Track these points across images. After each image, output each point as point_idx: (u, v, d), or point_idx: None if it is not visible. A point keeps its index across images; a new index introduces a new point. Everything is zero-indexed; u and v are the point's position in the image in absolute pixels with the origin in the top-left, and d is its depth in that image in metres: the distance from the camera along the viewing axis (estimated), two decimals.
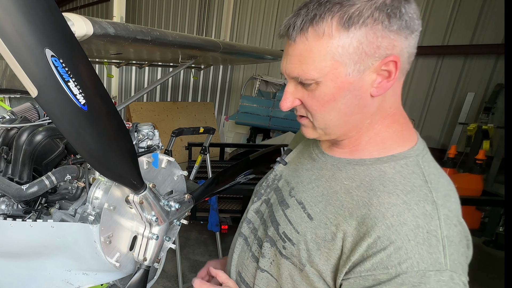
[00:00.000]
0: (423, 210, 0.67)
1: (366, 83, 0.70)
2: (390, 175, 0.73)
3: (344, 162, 0.80)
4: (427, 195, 0.69)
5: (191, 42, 1.78)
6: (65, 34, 0.64)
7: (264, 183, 1.02)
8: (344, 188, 0.77)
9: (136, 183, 0.90)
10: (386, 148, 0.77)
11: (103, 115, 0.73)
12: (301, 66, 0.71)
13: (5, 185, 0.99)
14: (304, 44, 0.69)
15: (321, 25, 0.66)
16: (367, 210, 0.70)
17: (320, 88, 0.71)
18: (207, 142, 3.42)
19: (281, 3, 7.66)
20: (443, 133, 5.86)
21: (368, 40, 0.66)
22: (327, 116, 0.75)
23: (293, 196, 0.87)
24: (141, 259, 1.03)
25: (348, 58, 0.67)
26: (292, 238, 0.81)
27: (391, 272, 0.64)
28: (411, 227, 0.65)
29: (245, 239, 1.00)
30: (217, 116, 8.98)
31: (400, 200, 0.68)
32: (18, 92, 2.28)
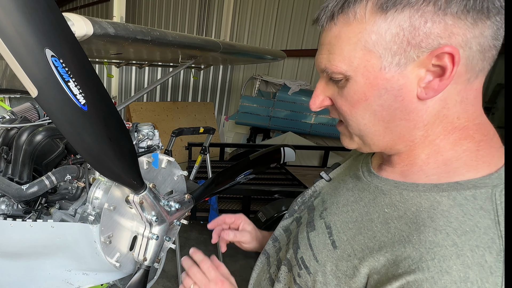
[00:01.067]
0: (480, 260, 0.49)
1: (409, 82, 0.55)
2: (445, 208, 0.55)
3: (391, 184, 0.65)
4: (493, 240, 0.50)
5: (191, 42, 1.78)
6: (65, 34, 0.64)
7: (299, 198, 0.90)
8: (382, 217, 0.62)
9: (136, 183, 0.90)
10: (450, 172, 0.59)
11: (103, 115, 0.73)
12: (328, 56, 0.59)
13: (5, 185, 0.99)
14: (333, 30, 0.58)
15: (354, 8, 0.55)
16: (403, 248, 0.55)
17: (349, 85, 0.59)
18: (207, 142, 3.42)
19: (281, 3, 7.66)
20: None
21: (413, 26, 0.52)
22: (360, 120, 0.61)
23: (323, 218, 0.74)
24: (141, 259, 1.03)
25: (384, 47, 0.54)
26: (309, 266, 0.70)
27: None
28: (456, 279, 0.49)
29: (267, 258, 0.91)
30: (217, 116, 8.98)
31: (449, 241, 0.52)
32: (18, 92, 2.28)
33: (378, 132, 0.61)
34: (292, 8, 7.31)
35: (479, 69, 0.56)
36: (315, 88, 0.67)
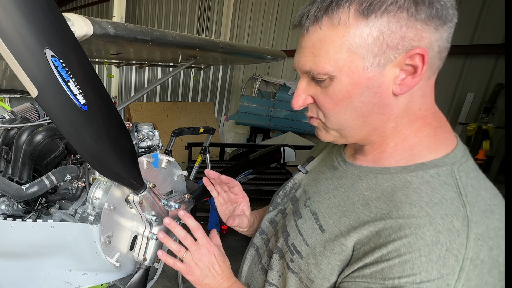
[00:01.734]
0: (449, 226, 0.57)
1: (387, 80, 0.62)
2: (415, 185, 0.64)
3: (366, 170, 0.73)
4: (458, 209, 0.59)
5: (191, 42, 1.78)
6: (65, 34, 0.64)
7: (281, 192, 0.96)
8: (363, 199, 0.69)
9: (136, 183, 0.90)
10: (415, 155, 0.68)
11: (103, 115, 0.73)
12: (313, 58, 0.63)
13: (5, 185, 0.99)
14: (318, 34, 0.62)
15: (337, 13, 0.59)
16: (384, 222, 0.63)
17: (334, 84, 0.64)
18: (207, 142, 3.42)
19: (281, 3, 7.66)
20: None
21: (391, 30, 0.58)
22: (341, 115, 0.67)
23: (307, 206, 0.80)
24: (141, 259, 1.03)
25: (366, 49, 0.60)
26: (301, 251, 0.75)
27: (386, 283, 0.58)
28: (428, 242, 0.57)
29: (256, 250, 0.96)
30: (217, 116, 8.98)
31: (422, 212, 0.60)
32: (18, 92, 2.28)
33: (356, 125, 0.68)
34: (292, 8, 7.30)
35: (436, 67, 0.64)
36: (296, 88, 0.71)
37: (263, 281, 0.88)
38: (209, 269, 0.86)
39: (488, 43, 5.14)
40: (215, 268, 0.87)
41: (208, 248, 0.88)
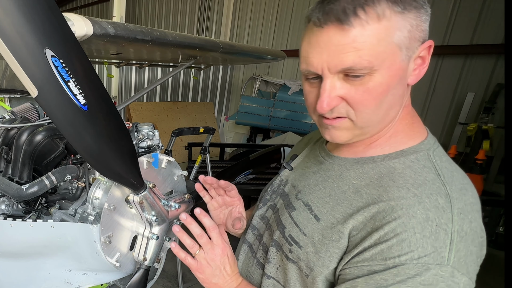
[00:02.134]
0: (435, 203, 0.63)
1: (409, 70, 0.66)
2: (399, 170, 0.70)
3: (352, 161, 0.77)
4: (440, 188, 0.65)
5: (191, 42, 1.78)
6: (65, 34, 0.64)
7: (269, 188, 0.99)
8: (353, 188, 0.74)
9: (136, 183, 0.90)
10: (397, 143, 0.73)
11: (103, 115, 0.73)
12: (357, 53, 0.62)
13: (5, 185, 0.99)
14: (361, 28, 0.61)
15: (378, 7, 0.61)
16: (377, 206, 0.67)
17: (374, 78, 0.64)
18: (207, 142, 3.42)
19: (281, 3, 7.66)
20: (443, 133, 5.86)
21: (417, 24, 0.63)
22: (376, 110, 0.67)
23: (299, 199, 0.83)
24: (141, 259, 1.03)
25: (402, 42, 0.63)
26: (299, 241, 0.78)
27: (388, 263, 0.62)
28: (420, 220, 0.62)
29: (249, 246, 0.97)
30: (217, 116, 8.98)
31: (410, 193, 0.65)
32: (18, 92, 2.28)
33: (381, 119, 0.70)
34: (292, 8, 7.31)
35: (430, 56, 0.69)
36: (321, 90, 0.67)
37: (260, 274, 0.90)
38: (220, 269, 0.86)
39: (488, 43, 5.13)
40: (226, 269, 0.86)
41: (223, 249, 0.86)
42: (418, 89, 5.98)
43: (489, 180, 4.62)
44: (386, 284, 0.62)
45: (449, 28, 5.54)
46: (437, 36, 5.65)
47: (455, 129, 5.53)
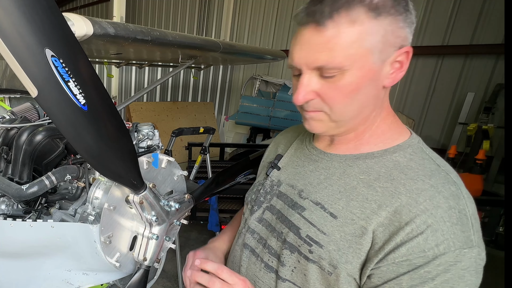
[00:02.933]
0: (450, 192, 0.68)
1: (383, 73, 0.70)
2: (404, 163, 0.73)
3: (352, 158, 0.80)
4: (446, 177, 0.70)
5: (191, 42, 1.78)
6: (65, 34, 0.64)
7: (261, 190, 0.98)
8: (362, 183, 0.76)
9: (136, 183, 0.90)
10: (388, 139, 0.78)
11: (103, 115, 0.73)
12: (329, 53, 0.67)
13: (5, 185, 0.99)
14: (335, 30, 0.66)
15: (353, 12, 0.65)
16: (398, 199, 0.69)
17: (345, 77, 0.69)
18: (207, 142, 3.42)
19: (281, 3, 7.66)
20: (443, 133, 5.86)
21: (392, 30, 0.67)
22: (347, 107, 0.73)
23: (306, 198, 0.84)
24: (141, 259, 1.03)
25: (375, 46, 0.67)
26: (319, 240, 0.78)
27: (428, 254, 0.65)
28: (445, 208, 0.66)
29: (251, 251, 0.95)
30: (217, 116, 8.98)
31: (426, 184, 0.69)
32: (18, 92, 2.28)
33: (355, 115, 0.75)
34: (292, 8, 7.30)
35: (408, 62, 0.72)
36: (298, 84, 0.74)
37: (273, 279, 0.88)
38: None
39: (488, 43, 5.13)
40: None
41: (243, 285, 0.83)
42: (418, 89, 5.98)
43: (489, 180, 4.62)
44: (431, 276, 0.64)
45: (449, 28, 5.54)
46: (437, 36, 5.65)
47: (455, 129, 5.53)
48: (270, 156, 1.06)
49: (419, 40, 5.84)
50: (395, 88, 6.27)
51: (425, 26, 5.76)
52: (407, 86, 6.11)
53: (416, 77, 5.98)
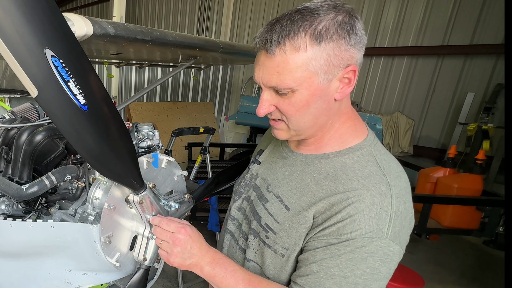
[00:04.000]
0: (379, 191, 0.80)
1: (332, 90, 0.81)
2: (350, 165, 0.86)
3: (311, 157, 0.93)
4: (382, 178, 0.82)
5: (191, 42, 1.78)
6: (65, 34, 0.64)
7: (242, 182, 1.12)
8: (314, 180, 0.89)
9: (136, 183, 0.90)
10: (344, 142, 0.90)
11: (103, 115, 0.73)
12: (279, 76, 0.78)
13: (5, 185, 0.99)
14: (282, 57, 0.76)
15: (297, 40, 0.75)
16: (336, 196, 0.83)
17: (295, 95, 0.80)
18: (207, 142, 3.42)
19: (281, 3, 7.66)
20: (443, 133, 5.86)
21: (335, 53, 0.76)
22: (301, 119, 0.84)
23: (270, 192, 0.98)
24: (141, 259, 1.03)
25: (319, 68, 0.77)
26: (274, 228, 0.93)
27: (342, 237, 0.79)
28: (368, 204, 0.79)
29: (231, 235, 1.10)
30: (217, 116, 8.98)
31: (360, 184, 0.82)
32: (18, 92, 2.28)
33: (310, 126, 0.87)
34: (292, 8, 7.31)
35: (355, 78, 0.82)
36: (260, 99, 0.86)
37: (243, 258, 1.04)
38: (187, 251, 0.91)
39: (488, 43, 5.13)
40: (193, 248, 0.92)
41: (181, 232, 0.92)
42: (418, 89, 5.98)
43: (489, 180, 4.62)
44: (339, 254, 0.80)
45: (449, 28, 5.54)
46: (437, 36, 5.65)
47: (455, 129, 5.53)
48: (256, 151, 1.18)
49: (419, 40, 5.84)
50: (395, 88, 6.27)
51: (425, 26, 5.76)
52: (407, 86, 6.11)
53: (416, 77, 5.98)
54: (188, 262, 0.92)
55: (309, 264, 0.84)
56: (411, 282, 2.49)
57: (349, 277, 0.79)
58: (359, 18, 0.78)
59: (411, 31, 5.92)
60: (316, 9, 0.76)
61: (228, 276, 0.89)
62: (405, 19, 6.00)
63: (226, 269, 0.90)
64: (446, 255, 4.27)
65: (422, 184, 3.96)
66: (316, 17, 0.75)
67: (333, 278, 0.80)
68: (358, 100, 6.63)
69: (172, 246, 0.92)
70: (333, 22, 0.75)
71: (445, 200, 3.37)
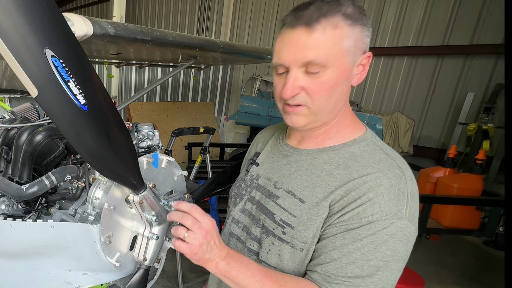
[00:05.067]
0: (394, 173, 0.83)
1: (353, 73, 0.85)
2: (359, 154, 0.88)
3: (317, 151, 0.94)
4: (393, 162, 0.85)
5: (191, 42, 1.78)
6: (65, 34, 0.64)
7: (243, 184, 1.11)
8: (325, 172, 0.90)
9: (136, 183, 0.90)
10: (348, 134, 0.93)
11: (103, 115, 0.73)
12: (317, 50, 0.79)
13: (5, 185, 0.99)
14: (322, 32, 0.79)
15: (335, 18, 0.79)
16: (351, 182, 0.84)
17: (327, 74, 0.81)
18: (207, 142, 3.42)
19: (281, 3, 7.66)
20: (443, 133, 5.86)
21: (360, 36, 0.81)
22: (328, 100, 0.85)
23: (279, 188, 0.97)
24: (141, 259, 1.03)
25: (350, 48, 0.80)
26: (291, 223, 0.92)
27: (363, 221, 0.80)
28: (386, 186, 0.81)
29: (237, 239, 1.08)
30: (217, 116, 8.98)
31: (374, 168, 0.84)
32: (18, 92, 2.28)
33: (331, 109, 0.88)
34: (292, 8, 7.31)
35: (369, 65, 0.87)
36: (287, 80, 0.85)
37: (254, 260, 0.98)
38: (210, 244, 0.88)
39: (488, 43, 5.14)
40: (215, 242, 0.89)
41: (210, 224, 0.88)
42: (418, 89, 5.98)
43: (489, 180, 4.63)
44: (360, 238, 0.80)
45: (449, 28, 5.54)
46: (437, 36, 5.65)
47: (455, 129, 5.54)
48: (251, 153, 1.18)
49: (419, 40, 5.84)
50: (395, 88, 6.27)
51: (425, 26, 5.76)
52: (407, 86, 6.11)
53: (416, 77, 5.99)
54: (207, 256, 0.89)
55: (329, 251, 0.83)
56: (411, 282, 2.50)
57: (371, 260, 0.80)
58: None
59: (411, 31, 5.93)
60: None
61: (244, 270, 0.87)
62: (405, 19, 6.00)
63: (242, 262, 0.88)
64: (446, 255, 4.27)
65: (422, 184, 3.96)
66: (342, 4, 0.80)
67: (355, 262, 0.80)
68: (358, 100, 6.63)
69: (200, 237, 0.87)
70: (356, 7, 0.80)
71: (445, 200, 3.37)
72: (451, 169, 3.83)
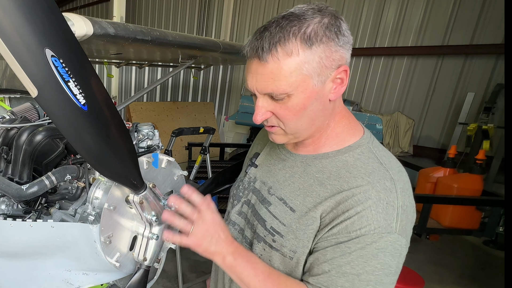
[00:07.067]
0: (383, 186, 0.81)
1: (326, 91, 0.82)
2: (351, 163, 0.87)
3: (311, 158, 0.93)
4: (385, 173, 0.83)
5: (191, 42, 1.78)
6: (65, 34, 0.64)
7: (240, 186, 1.10)
8: (317, 181, 0.89)
9: (136, 183, 0.90)
10: (342, 140, 0.91)
11: (103, 115, 0.73)
12: (274, 82, 0.78)
13: (5, 185, 0.99)
14: (275, 63, 0.76)
15: (288, 45, 0.75)
16: (341, 194, 0.83)
17: (292, 100, 0.80)
18: (207, 142, 3.42)
19: (281, 3, 7.66)
20: (443, 133, 5.86)
21: (326, 55, 0.77)
22: (298, 122, 0.85)
23: (272, 194, 0.97)
24: (141, 259, 1.03)
25: (313, 71, 0.77)
26: (280, 231, 0.92)
27: (352, 235, 0.80)
28: (374, 200, 0.80)
29: None
30: (217, 116, 8.98)
31: (364, 181, 0.83)
32: (18, 92, 2.28)
33: (308, 127, 0.87)
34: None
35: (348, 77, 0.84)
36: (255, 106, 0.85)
37: None
38: (215, 237, 0.89)
39: (488, 43, 5.14)
40: (220, 235, 0.89)
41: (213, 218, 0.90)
42: (418, 89, 5.98)
43: (489, 180, 4.63)
44: (349, 251, 0.80)
45: (449, 28, 5.54)
46: (437, 36, 5.65)
47: (455, 129, 5.53)
48: (251, 153, 1.17)
49: (419, 40, 5.84)
50: (395, 88, 6.27)
51: (425, 26, 5.76)
52: (407, 86, 6.11)
53: (416, 77, 5.98)
54: (213, 249, 0.89)
55: (320, 264, 0.84)
56: (411, 282, 2.49)
57: (361, 275, 0.79)
58: (343, 19, 0.80)
59: (411, 31, 5.93)
60: (302, 14, 0.77)
61: (249, 267, 0.88)
62: (405, 19, 6.00)
63: (248, 260, 0.89)
64: (446, 255, 4.27)
65: (422, 184, 3.96)
66: (303, 21, 0.76)
67: (345, 276, 0.80)
68: (358, 100, 6.63)
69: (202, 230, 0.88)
70: (320, 25, 0.76)
71: (445, 200, 3.37)
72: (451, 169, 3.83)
